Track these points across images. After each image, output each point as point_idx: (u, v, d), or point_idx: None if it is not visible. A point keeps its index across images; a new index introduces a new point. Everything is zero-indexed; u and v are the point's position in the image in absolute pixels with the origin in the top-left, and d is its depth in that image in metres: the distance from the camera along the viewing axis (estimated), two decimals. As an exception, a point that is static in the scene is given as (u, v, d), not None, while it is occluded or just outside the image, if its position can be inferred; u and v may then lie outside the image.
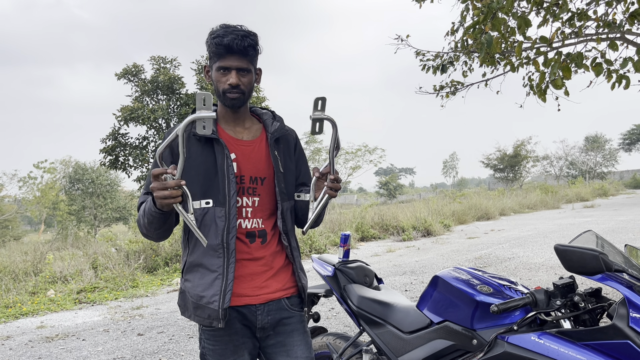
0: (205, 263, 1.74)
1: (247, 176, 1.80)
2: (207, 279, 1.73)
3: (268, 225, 1.84)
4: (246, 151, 1.81)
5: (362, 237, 12.83)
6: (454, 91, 6.13)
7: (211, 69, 1.78)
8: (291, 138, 1.96)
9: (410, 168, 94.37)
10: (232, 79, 1.72)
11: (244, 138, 1.84)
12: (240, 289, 1.77)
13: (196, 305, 1.75)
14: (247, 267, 1.79)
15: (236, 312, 1.77)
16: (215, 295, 1.70)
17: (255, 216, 1.81)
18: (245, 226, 1.79)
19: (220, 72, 1.74)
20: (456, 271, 2.20)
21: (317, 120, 1.59)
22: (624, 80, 4.28)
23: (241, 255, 1.78)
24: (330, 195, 1.67)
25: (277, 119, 1.93)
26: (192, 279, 1.77)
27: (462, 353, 2.01)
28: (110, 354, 4.67)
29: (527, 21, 3.75)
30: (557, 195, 23.87)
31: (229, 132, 1.83)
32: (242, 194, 1.79)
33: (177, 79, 14.80)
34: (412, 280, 7.15)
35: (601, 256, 1.62)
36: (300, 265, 1.92)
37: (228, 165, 1.74)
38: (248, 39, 1.72)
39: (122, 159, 14.62)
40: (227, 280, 1.71)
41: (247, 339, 1.82)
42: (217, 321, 1.71)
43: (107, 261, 9.12)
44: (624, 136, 50.57)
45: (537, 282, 6.47)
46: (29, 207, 33.60)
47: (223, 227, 1.72)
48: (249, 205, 1.80)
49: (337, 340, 2.71)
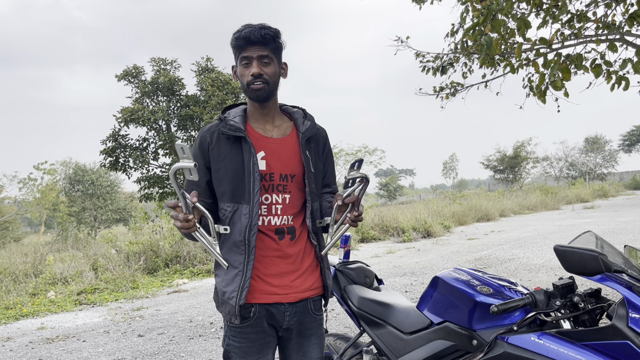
0: (230, 259, 1.78)
1: (276, 173, 1.81)
2: (230, 275, 1.77)
3: (297, 222, 1.86)
4: (276, 149, 1.83)
5: (362, 238, 12.84)
6: (454, 92, 6.13)
7: (236, 66, 1.82)
8: (321, 137, 1.97)
9: (410, 169, 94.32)
10: (254, 69, 1.75)
11: (273, 136, 1.86)
12: (271, 287, 1.79)
13: (222, 301, 1.80)
14: (277, 265, 1.80)
15: (265, 311, 1.79)
16: (234, 292, 1.74)
17: (285, 213, 1.83)
18: (275, 223, 1.81)
19: (244, 65, 1.78)
20: (456, 272, 2.21)
21: (351, 178, 1.66)
22: (623, 81, 4.29)
23: (270, 252, 1.80)
24: (351, 226, 1.71)
25: (309, 118, 1.94)
26: (219, 274, 1.83)
27: (462, 353, 2.02)
28: (111, 355, 4.67)
29: (527, 23, 3.75)
30: (557, 196, 23.86)
31: (258, 130, 1.85)
32: (272, 191, 1.81)
33: (177, 81, 14.81)
34: (412, 281, 7.15)
35: (600, 257, 1.62)
36: (327, 264, 1.95)
37: (254, 163, 1.76)
38: (266, 30, 1.76)
39: (122, 161, 14.60)
40: (245, 277, 1.74)
41: (272, 339, 1.84)
42: (234, 317, 1.74)
43: (107, 262, 9.12)
44: (624, 137, 50.56)
45: (537, 283, 6.47)
46: (29, 208, 33.58)
47: (246, 225, 1.75)
48: (279, 202, 1.82)
49: (338, 341, 2.72)
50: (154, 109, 14.39)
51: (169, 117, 14.60)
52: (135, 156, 14.48)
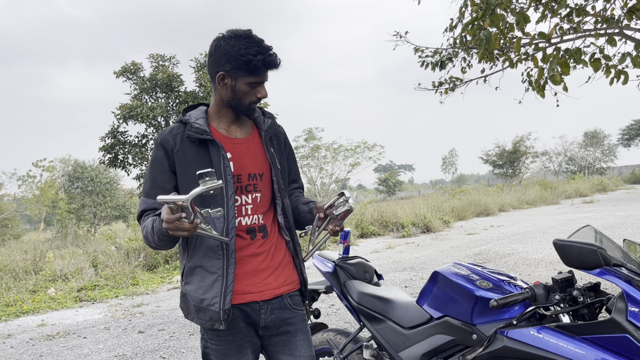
0: (205, 265, 1.74)
1: (244, 174, 1.80)
2: (207, 281, 1.73)
3: (267, 220, 1.85)
4: (241, 149, 1.82)
5: (362, 233, 12.85)
6: (453, 87, 6.12)
7: (233, 79, 1.74)
8: (281, 135, 1.99)
9: (409, 164, 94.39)
10: (264, 92, 1.78)
11: (237, 136, 1.85)
12: (244, 287, 1.77)
13: (198, 308, 1.75)
14: (249, 264, 1.79)
15: (240, 311, 1.77)
16: (216, 297, 1.70)
17: (255, 212, 1.82)
18: (246, 223, 1.80)
19: (249, 85, 1.75)
20: (456, 267, 2.21)
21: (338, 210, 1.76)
22: (622, 75, 4.28)
23: (242, 252, 1.78)
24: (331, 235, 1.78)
25: (268, 116, 1.94)
26: (192, 282, 1.77)
27: (462, 348, 2.02)
28: (111, 351, 4.68)
29: (526, 17, 3.75)
30: (556, 191, 23.88)
31: (221, 131, 1.83)
32: (241, 192, 1.80)
33: (175, 77, 14.77)
34: (412, 276, 7.16)
35: (600, 251, 1.62)
36: (302, 259, 1.94)
37: (225, 165, 1.74)
38: (278, 57, 1.76)
39: (121, 157, 14.58)
40: (227, 281, 1.71)
41: (250, 338, 1.82)
42: (218, 323, 1.71)
43: (107, 259, 9.13)
44: (623, 131, 50.56)
45: (537, 277, 6.49)
46: (29, 205, 33.53)
47: (222, 228, 1.71)
48: (248, 203, 1.81)
49: (338, 336, 2.72)
50: (153, 106, 14.36)
51: (168, 113, 14.57)
52: (134, 153, 14.46)
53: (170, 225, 1.48)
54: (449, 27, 5.76)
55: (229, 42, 1.71)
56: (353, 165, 28.34)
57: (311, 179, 29.51)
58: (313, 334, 2.86)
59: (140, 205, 1.79)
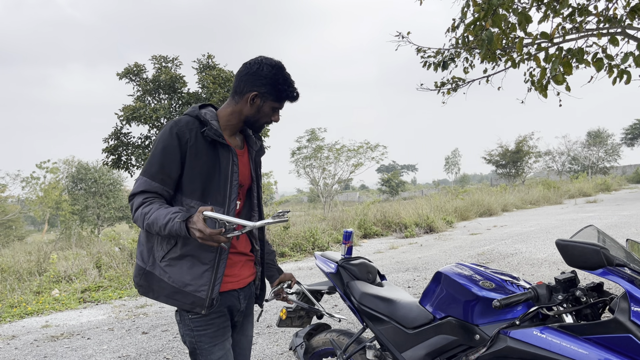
0: (198, 255, 1.87)
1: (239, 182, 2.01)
2: (197, 270, 1.86)
3: None
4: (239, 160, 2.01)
5: (365, 234, 12.84)
6: (455, 87, 6.13)
7: (262, 101, 1.95)
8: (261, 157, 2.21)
9: (412, 165, 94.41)
10: (278, 117, 2.02)
11: (236, 147, 2.04)
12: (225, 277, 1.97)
13: (176, 290, 1.86)
14: (230, 258, 2.01)
15: (223, 298, 1.97)
16: (204, 286, 1.86)
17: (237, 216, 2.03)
18: None
19: (272, 109, 1.98)
20: (458, 267, 2.21)
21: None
22: (625, 75, 4.28)
23: None
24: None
25: (257, 138, 2.16)
26: (177, 266, 1.87)
27: (465, 348, 2.02)
28: (115, 352, 4.69)
29: (528, 17, 3.75)
30: (560, 190, 23.82)
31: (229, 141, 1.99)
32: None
33: (178, 78, 14.81)
34: (415, 276, 7.16)
35: (602, 251, 1.62)
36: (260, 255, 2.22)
37: (234, 172, 1.91)
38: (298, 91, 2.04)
39: (124, 159, 14.64)
40: (217, 273, 1.88)
41: (230, 322, 2.05)
42: (200, 308, 1.86)
43: (110, 260, 9.15)
44: (626, 131, 50.41)
45: (540, 277, 6.48)
46: (32, 207, 33.67)
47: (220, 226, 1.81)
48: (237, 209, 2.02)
49: (341, 336, 2.73)
50: (156, 107, 14.39)
51: (171, 114, 14.60)
52: (137, 154, 14.50)
53: (205, 236, 1.62)
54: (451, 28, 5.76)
55: (271, 70, 1.91)
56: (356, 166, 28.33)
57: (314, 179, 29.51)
58: (316, 334, 2.86)
59: (140, 184, 1.85)
